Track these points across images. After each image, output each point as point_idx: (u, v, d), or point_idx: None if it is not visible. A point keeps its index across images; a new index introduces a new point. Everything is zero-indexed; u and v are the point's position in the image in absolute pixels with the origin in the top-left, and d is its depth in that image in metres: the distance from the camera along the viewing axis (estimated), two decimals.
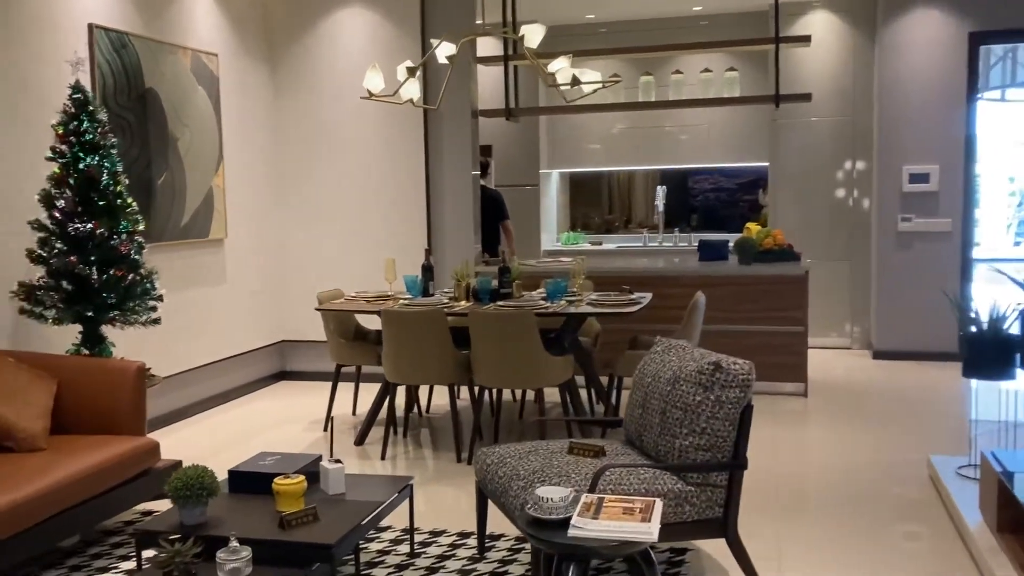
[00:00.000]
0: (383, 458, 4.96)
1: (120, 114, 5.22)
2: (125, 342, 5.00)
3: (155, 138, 5.53)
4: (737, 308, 6.26)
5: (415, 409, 5.90)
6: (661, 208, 8.88)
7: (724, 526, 3.14)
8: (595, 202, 9.56)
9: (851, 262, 7.82)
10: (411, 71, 5.07)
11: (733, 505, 3.15)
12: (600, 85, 5.14)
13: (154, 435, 5.41)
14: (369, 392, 5.61)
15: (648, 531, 2.48)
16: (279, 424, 5.77)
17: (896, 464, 4.72)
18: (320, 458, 3.49)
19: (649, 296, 5.39)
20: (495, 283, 5.29)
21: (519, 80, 7.39)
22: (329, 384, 5.68)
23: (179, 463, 4.02)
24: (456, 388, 5.00)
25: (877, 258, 7.42)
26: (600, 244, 9.04)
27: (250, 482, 3.37)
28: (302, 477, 3.20)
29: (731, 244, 6.62)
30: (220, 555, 2.77)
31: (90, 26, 4.99)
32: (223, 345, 6.35)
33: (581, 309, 4.94)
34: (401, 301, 5.21)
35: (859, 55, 7.65)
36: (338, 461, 3.39)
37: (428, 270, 5.46)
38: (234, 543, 2.80)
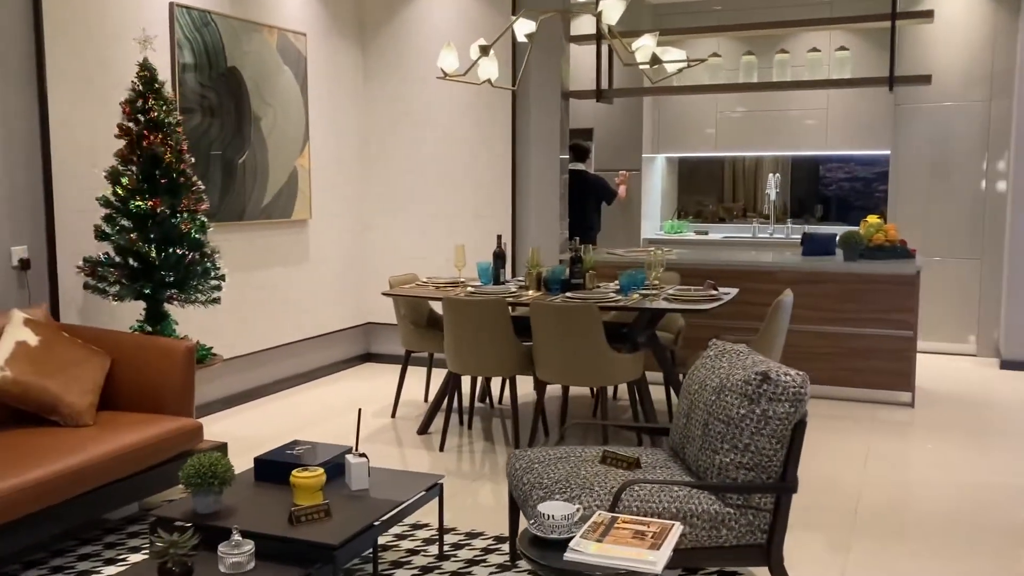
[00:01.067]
0: (441, 449, 4.81)
1: (201, 93, 5.25)
2: (199, 320, 5.05)
3: (237, 117, 5.55)
4: (839, 308, 5.77)
5: (487, 400, 5.75)
6: (773, 197, 8.35)
7: (767, 554, 2.82)
8: (707, 189, 9.11)
9: (982, 261, 7.12)
10: (484, 49, 4.86)
11: (779, 531, 2.82)
12: (685, 64, 4.79)
13: (224, 414, 5.54)
14: (443, 379, 5.48)
15: (651, 562, 2.21)
16: (350, 408, 5.72)
17: (1012, 492, 4.20)
18: (350, 450, 3.37)
19: (734, 292, 5.01)
20: (568, 273, 5.04)
21: (618, 61, 7.05)
22: (420, 368, 5.59)
23: (224, 445, 3.99)
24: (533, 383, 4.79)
25: (1010, 257, 6.72)
26: (706, 234, 8.61)
27: (274, 471, 3.27)
28: (321, 470, 3.07)
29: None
30: (221, 549, 2.67)
31: (171, 4, 5.03)
32: (306, 325, 6.36)
33: (650, 304, 4.63)
34: (469, 289, 5.05)
35: (1000, 33, 6.91)
36: (363, 455, 3.24)
37: (499, 257, 5.26)
38: (236, 536, 2.70)
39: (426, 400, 5.75)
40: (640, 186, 8.30)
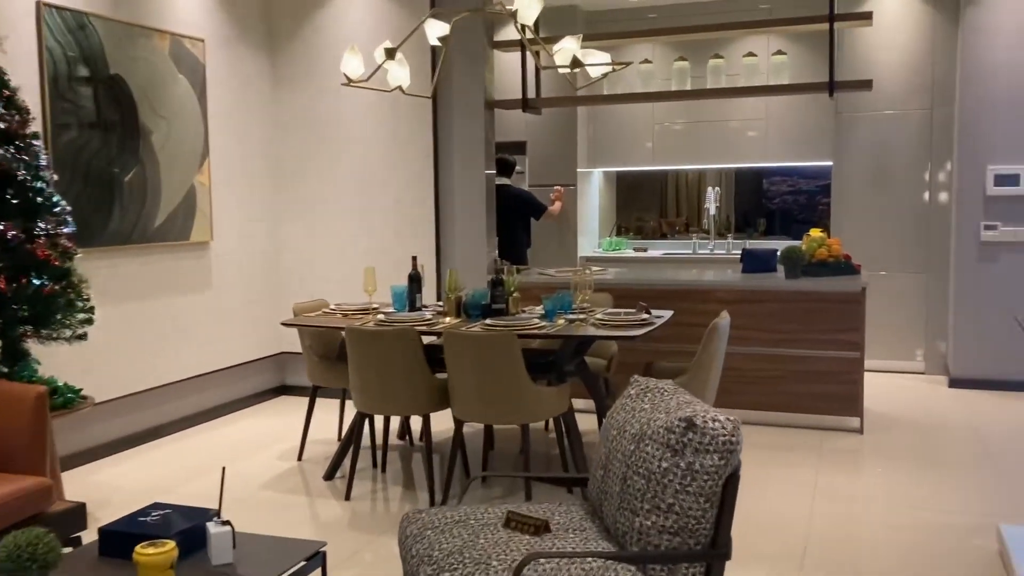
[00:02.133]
0: (348, 498, 4.31)
1: (76, 103, 4.72)
2: (79, 358, 4.49)
3: (122, 130, 5.02)
4: (781, 329, 5.41)
5: (406, 437, 5.27)
6: (713, 211, 8.02)
7: None
8: (648, 204, 8.76)
9: (928, 275, 6.84)
10: (389, 53, 4.42)
11: None
12: (610, 68, 4.39)
13: (103, 464, 4.96)
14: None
15: None
16: (255, 450, 5.19)
17: (962, 528, 3.83)
18: (216, 514, 2.86)
19: (668, 315, 4.61)
20: (489, 297, 4.60)
21: (549, 70, 6.66)
22: (334, 401, 5.11)
23: (81, 506, 3.46)
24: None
25: (956, 272, 6.44)
26: (646, 251, 8.24)
27: (121, 544, 2.75)
28: (171, 544, 2.56)
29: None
30: None
31: (38, 3, 4.50)
32: (210, 358, 5.82)
33: (575, 330, 4.21)
34: (380, 316, 4.58)
35: (940, 40, 6.67)
36: (226, 523, 2.75)
37: (415, 280, 4.80)
38: None
39: (339, 439, 5.25)
40: (576, 202, 7.91)
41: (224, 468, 2.85)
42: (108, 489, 4.48)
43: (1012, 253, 6.25)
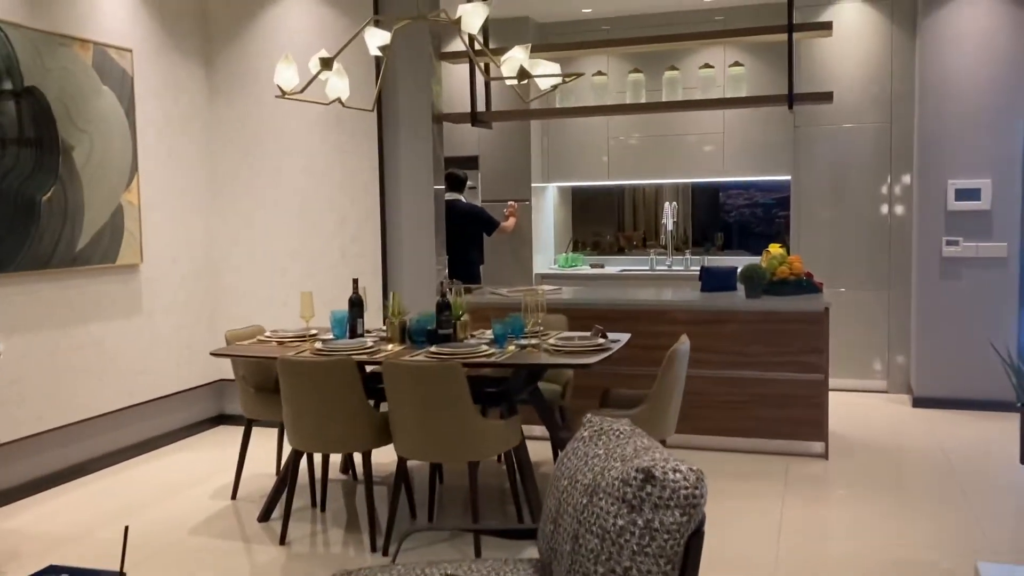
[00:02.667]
0: (283, 542, 3.99)
1: None
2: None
3: (38, 146, 4.67)
4: (742, 351, 5.20)
5: (350, 471, 4.95)
6: (670, 227, 7.83)
7: None
8: (605, 219, 8.54)
9: (891, 292, 6.70)
10: (325, 63, 4.13)
11: None
12: (560, 80, 4.14)
13: (30, 502, 4.56)
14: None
15: None
16: (186, 487, 4.84)
17: (938, 569, 3.62)
18: None
19: (625, 338, 4.37)
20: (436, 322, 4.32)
21: (500, 82, 6.42)
22: (274, 430, 4.77)
23: None
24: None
25: (918, 288, 6.30)
26: (603, 267, 8.02)
27: None
28: None
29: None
30: None
31: None
32: (140, 388, 5.46)
33: (526, 358, 3.94)
34: (317, 344, 4.27)
35: (898, 51, 6.55)
36: None
37: (356, 305, 4.50)
38: None
39: (278, 474, 4.92)
40: (530, 217, 7.67)
41: (127, 528, 2.52)
42: (18, 538, 4.11)
43: (974, 269, 6.12)
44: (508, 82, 3.96)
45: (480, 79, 5.81)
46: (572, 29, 7.65)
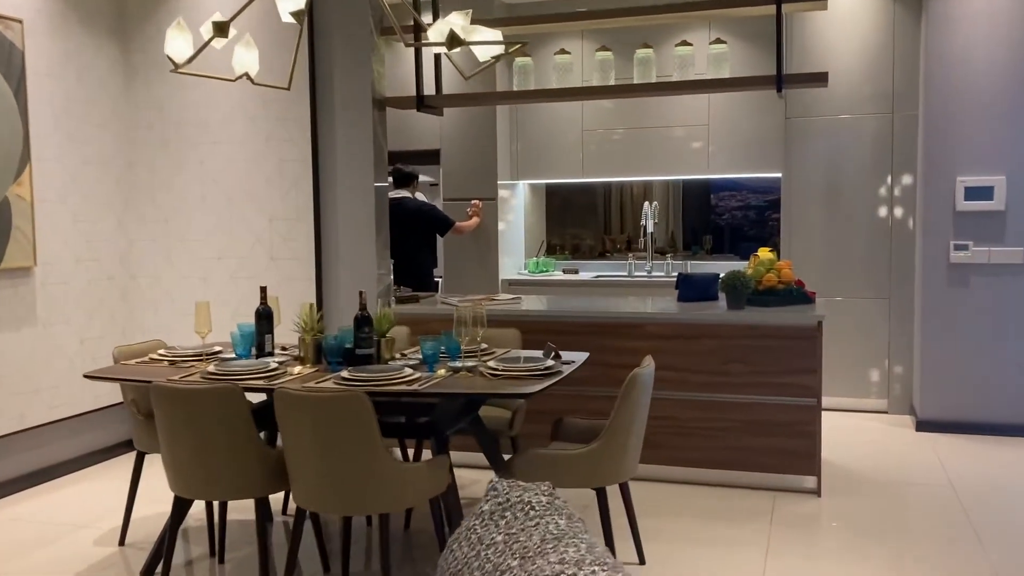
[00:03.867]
0: None
1: None
2: None
3: None
4: (723, 370, 4.52)
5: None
6: (651, 229, 7.15)
7: None
8: (584, 220, 7.85)
9: (891, 301, 6.02)
10: (219, 28, 3.44)
11: None
12: (502, 51, 3.46)
13: None
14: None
15: None
16: (72, 530, 4.15)
17: None
18: None
19: (581, 359, 3.69)
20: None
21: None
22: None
23: None
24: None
25: (922, 297, 5.62)
26: (576, 272, 7.33)
27: None
28: None
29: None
30: None
31: None
32: (34, 410, 4.76)
33: (453, 385, 3.26)
34: (212, 366, 3.58)
35: (902, 33, 5.88)
36: None
37: (264, 318, 3.81)
38: None
39: None
40: (496, 217, 6.98)
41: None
42: None
43: (986, 276, 5.45)
44: (436, 50, 3.28)
45: (428, 59, 5.13)
46: (545, 10, 6.96)
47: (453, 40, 3.20)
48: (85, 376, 3.65)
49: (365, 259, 5.05)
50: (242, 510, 3.77)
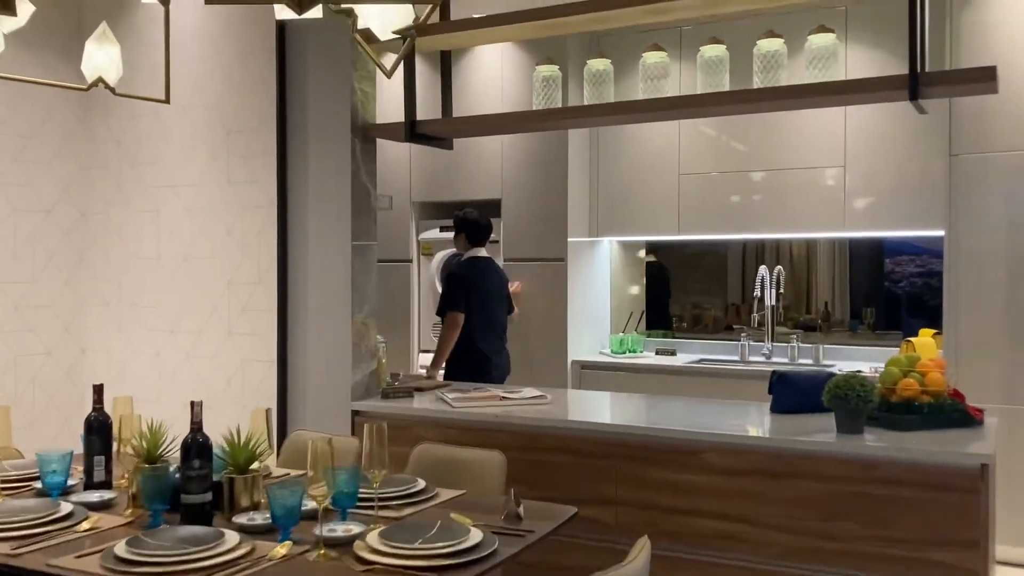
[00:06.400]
0: None
1: None
2: None
3: None
4: (825, 531, 2.90)
5: None
6: (769, 300, 5.51)
7: None
8: (703, 286, 6.24)
9: None
10: (3, 3, 2.30)
11: None
12: (411, 28, 2.14)
13: None
14: None
15: None
16: None
17: None
18: None
19: (543, 532, 2.24)
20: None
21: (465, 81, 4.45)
22: None
23: None
24: None
25: None
26: (673, 353, 5.78)
27: None
28: None
29: None
30: None
31: None
32: None
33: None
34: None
35: None
36: None
37: (96, 432, 2.59)
38: None
39: None
40: (567, 284, 5.57)
41: None
42: None
43: None
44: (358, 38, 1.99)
45: (421, 75, 3.87)
46: None
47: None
48: None
49: (339, 337, 3.78)
50: None
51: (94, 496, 2.46)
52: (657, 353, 5.82)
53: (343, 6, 2.09)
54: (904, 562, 2.79)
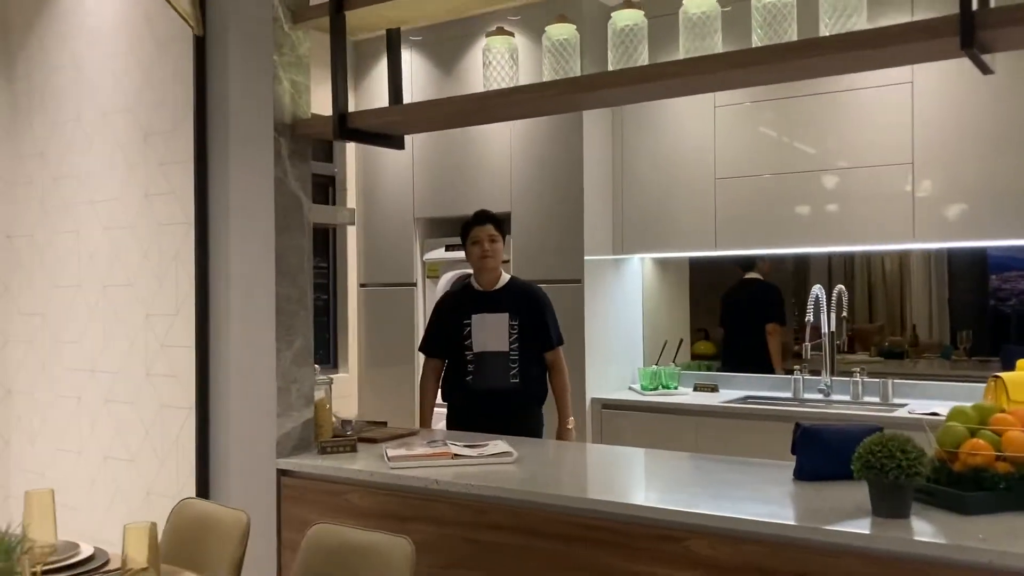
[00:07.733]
0: None
1: None
2: None
3: None
4: None
5: None
6: (827, 328, 4.61)
7: None
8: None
9: None
10: None
11: None
12: None
13: None
14: None
15: None
16: None
17: None
18: None
19: None
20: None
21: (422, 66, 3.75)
22: None
23: None
24: None
25: None
26: (715, 390, 4.91)
27: None
28: None
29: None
30: None
31: None
32: None
33: None
34: None
35: None
36: None
37: None
38: None
39: None
40: (584, 308, 4.80)
41: None
42: None
43: None
44: None
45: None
46: None
47: None
48: None
49: (263, 381, 3.11)
50: None
51: None
52: (696, 389, 4.97)
53: None
54: None
